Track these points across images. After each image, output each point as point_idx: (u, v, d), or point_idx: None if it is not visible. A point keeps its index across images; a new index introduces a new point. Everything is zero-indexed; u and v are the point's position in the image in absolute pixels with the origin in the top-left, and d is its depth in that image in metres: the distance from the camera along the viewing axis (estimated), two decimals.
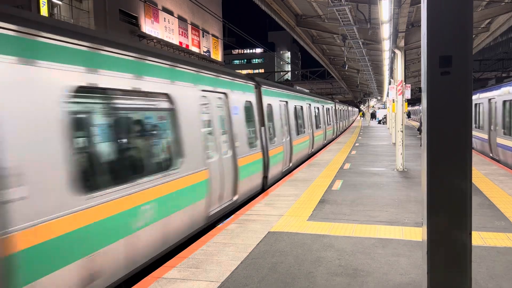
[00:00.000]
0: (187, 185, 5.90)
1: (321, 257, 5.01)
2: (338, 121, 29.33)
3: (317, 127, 19.38)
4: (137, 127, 5.25)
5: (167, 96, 5.71)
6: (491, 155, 14.43)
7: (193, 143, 6.16)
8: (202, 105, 6.78)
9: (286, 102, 13.29)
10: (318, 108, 20.07)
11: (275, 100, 11.83)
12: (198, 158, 6.17)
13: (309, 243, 5.54)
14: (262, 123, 10.34)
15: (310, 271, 4.59)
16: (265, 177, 10.17)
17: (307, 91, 20.71)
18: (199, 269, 4.72)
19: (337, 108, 28.70)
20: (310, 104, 17.71)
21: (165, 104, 5.72)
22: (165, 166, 5.55)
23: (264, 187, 10.10)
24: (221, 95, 7.73)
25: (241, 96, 8.93)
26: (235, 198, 7.79)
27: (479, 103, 16.41)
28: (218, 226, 6.43)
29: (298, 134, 14.54)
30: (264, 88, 10.85)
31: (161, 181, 5.28)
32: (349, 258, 4.94)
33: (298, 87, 19.61)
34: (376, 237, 5.70)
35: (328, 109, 24.34)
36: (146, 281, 4.45)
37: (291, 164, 13.16)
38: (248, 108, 9.41)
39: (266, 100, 10.85)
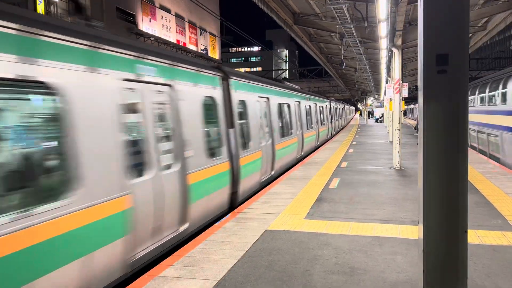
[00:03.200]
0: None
1: (318, 255, 5.02)
2: (341, 118, 39.65)
3: (338, 118, 32.48)
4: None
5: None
6: None
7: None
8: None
9: (330, 104, 26.43)
10: (335, 107, 31.43)
11: (334, 104, 25.89)
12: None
13: (306, 241, 5.54)
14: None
15: (307, 269, 4.59)
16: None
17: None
18: (195, 268, 4.72)
19: (337, 106, 37.61)
20: (329, 104, 26.97)
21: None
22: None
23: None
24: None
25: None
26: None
27: None
28: (216, 224, 6.43)
29: (337, 120, 29.62)
30: (332, 101, 26.44)
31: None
32: (346, 256, 4.95)
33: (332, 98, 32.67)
34: (373, 235, 5.71)
35: (334, 106, 34.87)
36: (142, 279, 4.44)
37: (333, 132, 26.95)
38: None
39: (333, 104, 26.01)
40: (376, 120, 54.17)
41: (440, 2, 2.51)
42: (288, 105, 13.64)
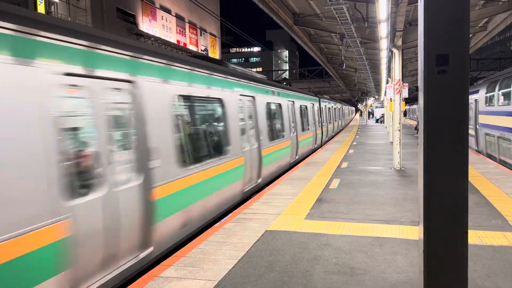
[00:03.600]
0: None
1: (318, 255, 5.02)
2: (337, 120, 34.25)
3: (333, 120, 29.03)
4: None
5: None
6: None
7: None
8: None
9: (329, 105, 26.88)
10: (328, 107, 28.42)
11: (325, 104, 23.53)
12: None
13: (306, 241, 5.54)
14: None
15: (307, 270, 4.59)
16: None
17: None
18: (196, 268, 4.72)
19: (332, 106, 30.78)
20: (318, 103, 23.30)
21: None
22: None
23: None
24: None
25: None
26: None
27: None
28: (216, 225, 6.43)
29: (330, 123, 26.96)
30: (324, 100, 23.47)
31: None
32: (346, 257, 4.95)
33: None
34: (373, 236, 5.71)
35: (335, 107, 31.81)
36: (143, 279, 4.44)
37: (325, 139, 23.67)
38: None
39: (323, 104, 23.24)
40: (377, 121, 54.16)
41: (441, 2, 2.51)
42: (221, 102, 7.85)
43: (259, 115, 10.29)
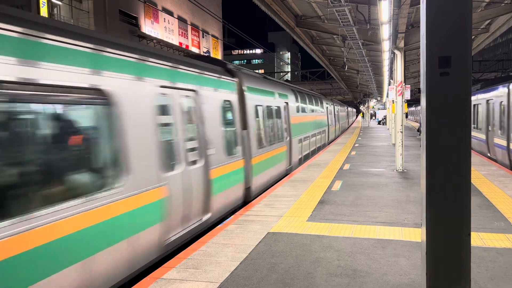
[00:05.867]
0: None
1: (320, 257, 5.01)
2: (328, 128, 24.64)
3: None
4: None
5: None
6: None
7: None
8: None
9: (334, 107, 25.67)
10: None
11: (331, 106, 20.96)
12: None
13: (309, 243, 5.54)
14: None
15: (309, 272, 4.59)
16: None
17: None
18: (198, 270, 4.72)
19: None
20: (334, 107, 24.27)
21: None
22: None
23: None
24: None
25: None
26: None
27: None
28: (218, 226, 6.43)
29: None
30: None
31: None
32: (348, 259, 4.94)
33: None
34: (376, 238, 5.69)
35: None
36: (145, 281, 4.44)
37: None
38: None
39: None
40: (379, 122, 54.10)
41: (443, 4, 2.51)
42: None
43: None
